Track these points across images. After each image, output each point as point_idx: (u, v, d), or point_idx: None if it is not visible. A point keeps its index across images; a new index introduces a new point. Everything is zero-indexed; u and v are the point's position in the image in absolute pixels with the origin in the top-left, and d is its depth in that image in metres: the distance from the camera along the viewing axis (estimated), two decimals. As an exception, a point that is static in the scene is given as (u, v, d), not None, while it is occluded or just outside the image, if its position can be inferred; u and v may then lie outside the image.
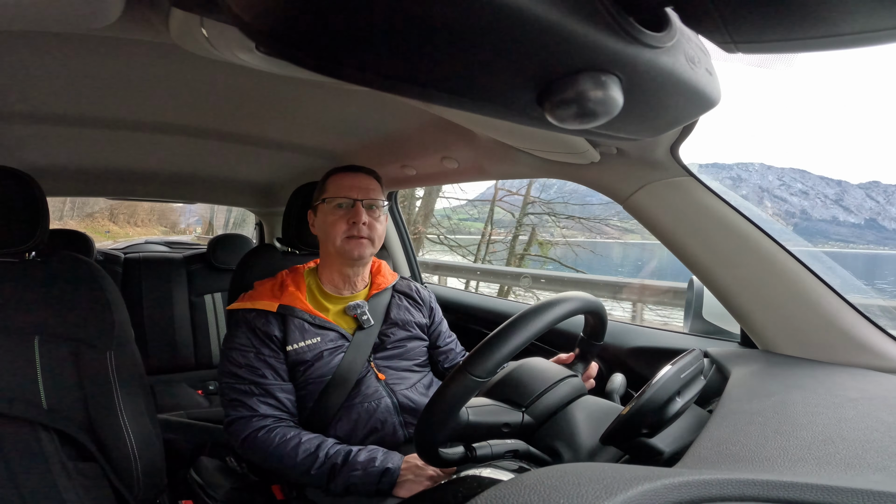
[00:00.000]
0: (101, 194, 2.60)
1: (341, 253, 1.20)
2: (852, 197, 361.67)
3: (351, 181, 1.23)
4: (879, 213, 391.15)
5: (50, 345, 1.03)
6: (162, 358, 2.47)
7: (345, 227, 1.19)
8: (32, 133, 1.45)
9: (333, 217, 1.20)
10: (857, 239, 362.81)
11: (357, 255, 1.20)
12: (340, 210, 1.20)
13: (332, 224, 1.20)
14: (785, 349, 0.95)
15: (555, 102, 0.38)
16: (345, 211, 1.20)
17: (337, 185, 1.23)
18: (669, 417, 0.67)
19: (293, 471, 1.04)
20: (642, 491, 0.39)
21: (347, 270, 1.26)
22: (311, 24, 0.30)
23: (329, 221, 1.21)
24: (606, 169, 1.08)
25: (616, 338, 1.32)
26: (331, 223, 1.20)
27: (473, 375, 0.71)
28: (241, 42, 0.62)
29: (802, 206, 40.88)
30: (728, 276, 0.99)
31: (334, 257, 1.24)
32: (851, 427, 0.58)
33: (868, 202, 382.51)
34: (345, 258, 1.22)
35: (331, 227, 1.20)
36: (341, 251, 1.20)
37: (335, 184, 1.23)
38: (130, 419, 1.07)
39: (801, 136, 42.60)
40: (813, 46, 0.34)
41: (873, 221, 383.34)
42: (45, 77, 1.04)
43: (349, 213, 1.20)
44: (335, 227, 1.19)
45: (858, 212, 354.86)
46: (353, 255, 1.20)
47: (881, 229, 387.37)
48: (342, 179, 1.23)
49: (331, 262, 1.26)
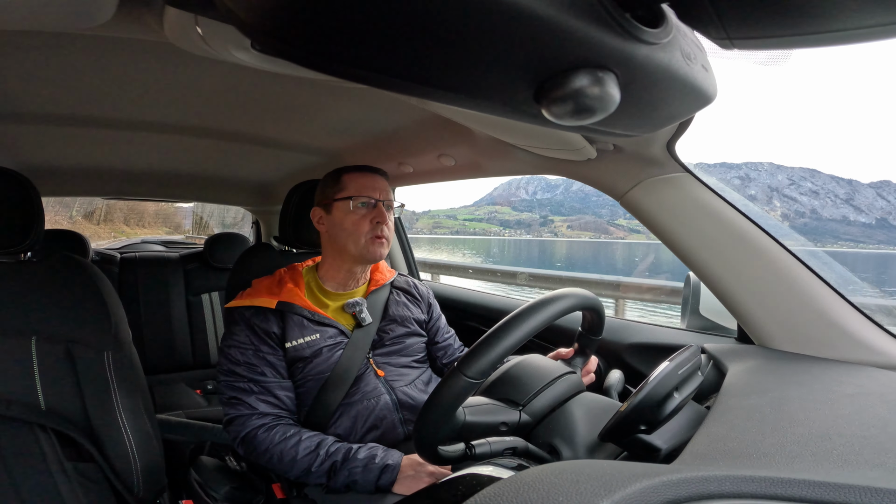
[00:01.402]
0: (98, 194, 2.58)
1: (364, 253, 1.20)
2: (863, 196, 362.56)
3: (371, 182, 1.23)
4: (890, 213, 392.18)
5: (47, 346, 1.02)
6: (160, 358, 2.47)
7: (368, 227, 1.19)
8: (28, 133, 1.44)
9: (355, 216, 1.20)
10: (867, 239, 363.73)
11: (380, 255, 1.21)
12: (362, 209, 1.20)
13: (355, 223, 1.19)
14: (782, 345, 0.95)
15: (551, 99, 0.38)
16: (367, 210, 1.20)
17: (358, 184, 1.22)
18: (667, 414, 0.67)
19: (293, 469, 1.04)
20: (641, 488, 0.39)
21: (356, 268, 1.26)
22: (306, 22, 0.30)
23: (351, 220, 1.20)
24: (603, 165, 1.08)
25: (614, 334, 1.32)
26: (353, 222, 1.20)
27: (467, 377, 0.71)
28: (236, 40, 0.62)
29: (812, 206, 41.36)
30: (725, 272, 0.99)
31: (349, 255, 1.23)
32: (848, 423, 0.58)
33: (879, 201, 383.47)
34: (366, 258, 1.22)
35: (354, 226, 1.19)
36: (364, 251, 1.20)
37: (356, 183, 1.22)
38: (129, 419, 1.07)
39: (811, 134, 42.50)
40: (808, 42, 0.34)
41: (884, 221, 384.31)
42: (40, 77, 1.04)
43: (371, 213, 1.20)
44: (359, 227, 1.19)
45: (869, 211, 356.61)
46: (377, 256, 1.21)
47: (892, 229, 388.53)
48: (362, 179, 1.23)
49: (342, 260, 1.25)
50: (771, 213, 21.74)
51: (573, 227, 37.15)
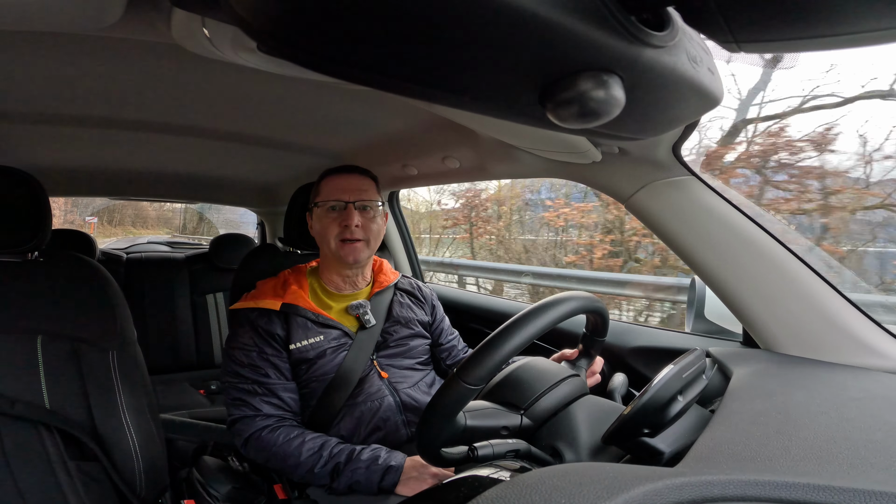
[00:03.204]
0: (106, 194, 2.60)
1: (337, 257, 1.20)
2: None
3: (343, 183, 1.22)
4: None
5: (52, 345, 1.03)
6: (164, 357, 2.47)
7: (337, 231, 1.19)
8: (36, 133, 1.45)
9: (327, 220, 1.20)
10: (868, 235, 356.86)
11: (352, 259, 1.19)
12: (333, 213, 1.20)
13: (326, 227, 1.19)
14: (787, 349, 0.95)
15: (556, 102, 0.38)
16: (337, 214, 1.20)
17: (329, 187, 1.22)
18: (671, 417, 0.66)
19: (297, 470, 1.04)
20: (644, 491, 0.39)
21: (346, 271, 1.26)
22: (311, 24, 0.30)
23: (322, 224, 1.20)
24: (608, 168, 1.08)
25: (618, 337, 1.32)
26: (324, 226, 1.20)
27: (466, 383, 0.71)
28: (242, 42, 0.62)
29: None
30: (730, 275, 0.99)
31: (331, 260, 1.24)
32: (854, 427, 0.58)
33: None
34: (341, 262, 1.21)
35: (324, 230, 1.20)
36: (336, 255, 1.20)
37: (328, 186, 1.22)
38: (133, 419, 1.07)
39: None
40: (815, 46, 0.34)
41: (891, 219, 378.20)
42: (47, 77, 1.04)
43: (341, 215, 1.19)
44: (328, 231, 1.19)
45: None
46: (349, 260, 1.19)
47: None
48: (334, 181, 1.23)
49: (329, 264, 1.26)
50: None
51: (577, 227, 35.83)
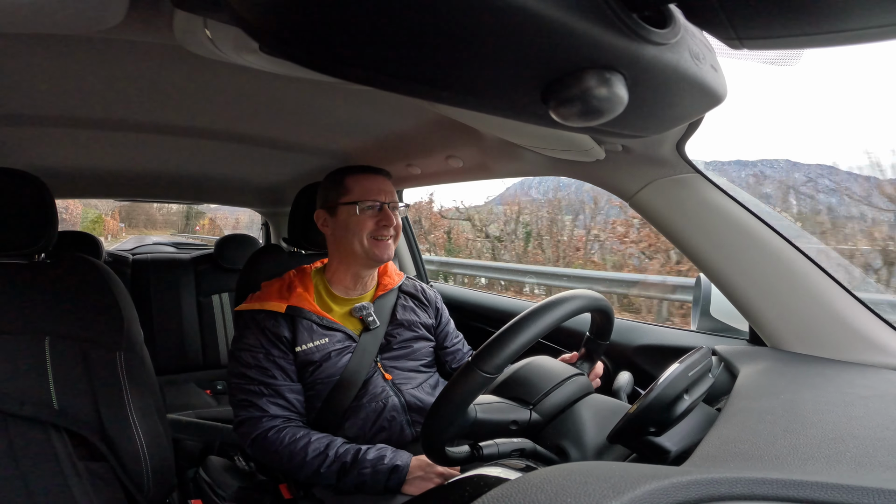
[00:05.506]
0: (111, 196, 2.61)
1: (369, 255, 1.20)
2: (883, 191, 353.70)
3: (376, 184, 1.23)
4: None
5: (60, 346, 1.04)
6: (170, 358, 2.49)
7: (372, 228, 1.19)
8: (39, 135, 1.46)
9: (360, 218, 1.19)
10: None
11: (386, 256, 1.21)
12: (368, 212, 1.20)
13: (358, 225, 1.19)
14: (794, 347, 0.94)
15: (559, 100, 0.37)
16: (373, 213, 1.20)
17: (363, 187, 1.22)
18: (677, 416, 0.66)
19: (303, 470, 1.05)
20: (650, 490, 0.39)
21: (363, 272, 1.26)
22: (313, 24, 0.30)
23: (354, 222, 1.20)
24: (612, 166, 1.07)
25: (623, 336, 1.31)
26: (356, 224, 1.19)
27: (482, 371, 0.71)
28: (244, 43, 0.62)
29: (829, 203, 39.40)
30: (736, 273, 0.98)
31: (355, 258, 1.23)
32: (862, 425, 0.57)
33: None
34: (371, 260, 1.21)
35: (357, 227, 1.19)
36: (369, 253, 1.20)
37: (360, 186, 1.22)
38: (140, 419, 1.07)
39: (830, 130, 39.72)
40: (819, 42, 0.34)
41: None
42: (50, 79, 1.05)
43: (378, 216, 1.20)
44: (362, 229, 1.19)
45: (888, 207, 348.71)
46: (383, 258, 1.21)
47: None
48: (367, 182, 1.23)
49: (348, 264, 1.25)
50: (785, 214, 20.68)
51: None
